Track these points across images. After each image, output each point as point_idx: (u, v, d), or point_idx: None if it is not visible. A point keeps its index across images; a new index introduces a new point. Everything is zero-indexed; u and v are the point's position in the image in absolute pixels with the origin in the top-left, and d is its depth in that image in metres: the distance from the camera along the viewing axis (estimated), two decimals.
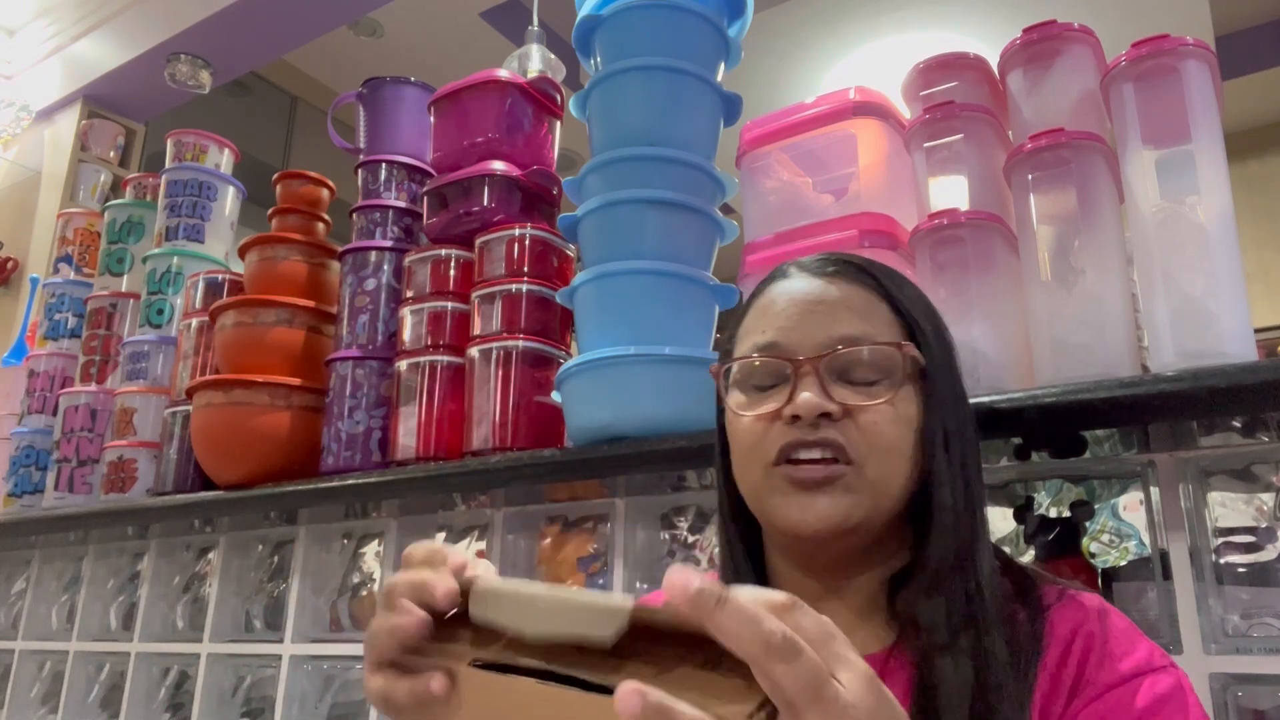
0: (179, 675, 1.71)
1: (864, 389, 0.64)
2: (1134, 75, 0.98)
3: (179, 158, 1.95)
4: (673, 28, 1.23)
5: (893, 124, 1.24)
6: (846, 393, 0.63)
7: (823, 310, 0.66)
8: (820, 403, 0.62)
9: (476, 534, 1.41)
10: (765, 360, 0.66)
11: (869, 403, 0.63)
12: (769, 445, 0.64)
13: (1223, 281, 0.89)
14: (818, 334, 0.65)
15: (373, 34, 3.85)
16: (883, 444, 0.63)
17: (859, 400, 0.63)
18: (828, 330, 0.65)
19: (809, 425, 0.63)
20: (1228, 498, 0.91)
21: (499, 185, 1.47)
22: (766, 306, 0.69)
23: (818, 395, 0.62)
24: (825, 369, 0.64)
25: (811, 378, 0.63)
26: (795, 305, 0.67)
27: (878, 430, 0.63)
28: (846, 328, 0.65)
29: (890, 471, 0.63)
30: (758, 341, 0.67)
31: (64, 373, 2.02)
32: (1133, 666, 0.60)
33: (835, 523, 0.62)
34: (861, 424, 0.63)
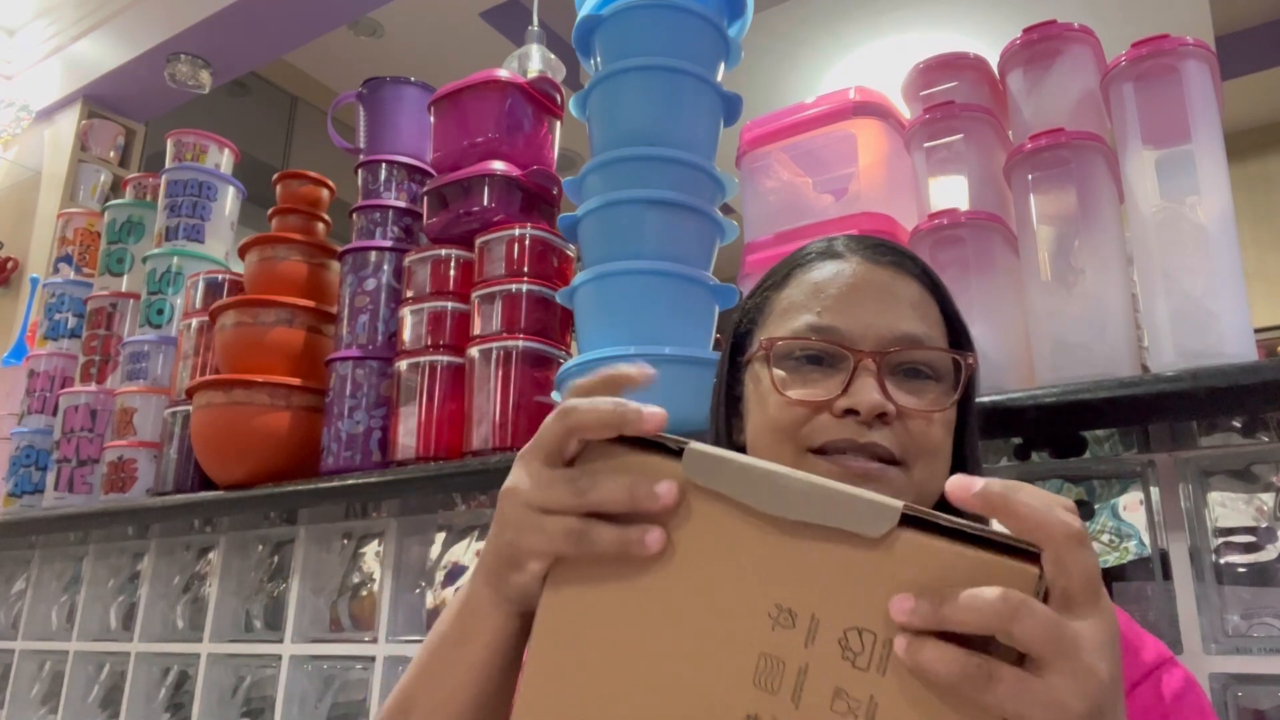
0: (179, 675, 1.70)
1: (917, 391, 0.62)
2: (1134, 75, 0.98)
3: (179, 158, 1.95)
4: (673, 28, 1.23)
5: (893, 124, 1.24)
6: (901, 394, 0.61)
7: (885, 302, 0.64)
8: (882, 402, 0.60)
9: (476, 534, 1.41)
10: (824, 345, 0.62)
11: (926, 409, 0.61)
12: (812, 434, 0.61)
13: (1223, 281, 0.89)
14: (879, 327, 0.62)
15: (373, 34, 3.85)
16: (930, 449, 0.61)
17: (915, 404, 0.61)
18: (891, 325, 0.62)
19: (862, 424, 0.60)
20: (1228, 498, 0.91)
21: (499, 185, 1.47)
22: (820, 285, 0.65)
23: (879, 394, 0.60)
24: (886, 365, 0.61)
25: (870, 374, 0.60)
26: (854, 290, 0.64)
27: (927, 436, 0.61)
28: (909, 325, 0.63)
29: (934, 475, 0.62)
30: (813, 322, 0.63)
31: (64, 373, 2.02)
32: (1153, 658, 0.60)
33: None
34: (912, 428, 0.61)
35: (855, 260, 0.66)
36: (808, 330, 0.63)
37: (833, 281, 0.65)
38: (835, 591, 0.38)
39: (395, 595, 1.42)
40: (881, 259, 0.66)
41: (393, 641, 1.39)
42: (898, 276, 0.65)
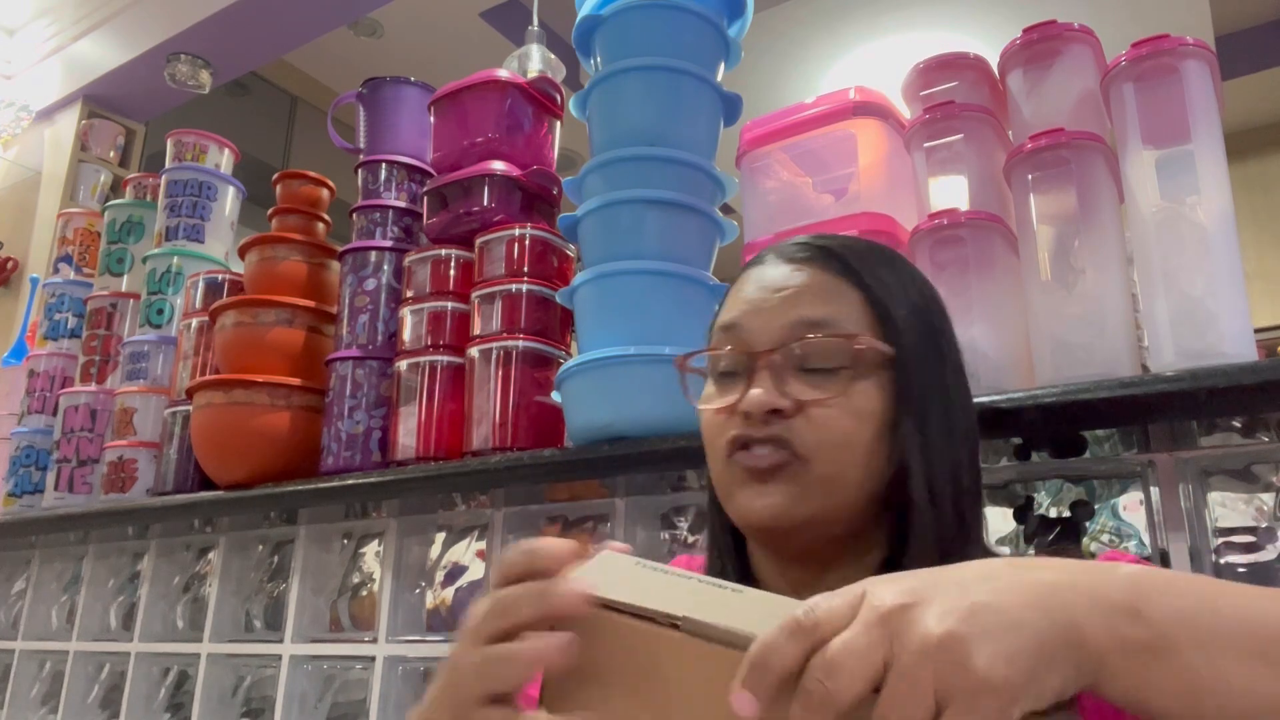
0: (179, 675, 1.71)
1: (821, 381, 0.62)
2: (1134, 75, 0.98)
3: (179, 158, 1.95)
4: (673, 28, 1.23)
5: (893, 124, 1.24)
6: (801, 386, 0.61)
7: (785, 296, 0.64)
8: (769, 399, 0.61)
9: (476, 534, 1.41)
10: (724, 353, 0.66)
11: (820, 396, 0.61)
12: (724, 438, 0.63)
13: (1223, 281, 0.89)
14: (777, 323, 0.63)
15: (373, 34, 3.85)
16: (833, 439, 0.61)
17: (812, 394, 0.61)
18: (787, 318, 0.63)
19: (759, 421, 0.61)
20: (1228, 498, 0.91)
21: (499, 185, 1.47)
22: (736, 291, 0.68)
23: (768, 392, 0.61)
24: (782, 361, 0.62)
25: (767, 371, 0.62)
26: (760, 291, 0.66)
27: (828, 425, 0.61)
28: (804, 314, 0.63)
29: (843, 467, 0.61)
30: (720, 322, 0.67)
31: (64, 373, 2.02)
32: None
33: (782, 513, 0.61)
34: (813, 418, 0.61)
35: (772, 263, 0.67)
36: (718, 334, 0.67)
37: (745, 287, 0.67)
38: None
39: (395, 595, 1.42)
40: (796, 255, 0.67)
41: (393, 641, 1.39)
42: (799, 268, 0.66)
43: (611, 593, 0.42)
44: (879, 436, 0.62)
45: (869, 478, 0.62)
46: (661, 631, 0.40)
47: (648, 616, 0.41)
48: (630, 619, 0.41)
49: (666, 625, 0.40)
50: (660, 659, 0.40)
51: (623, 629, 0.41)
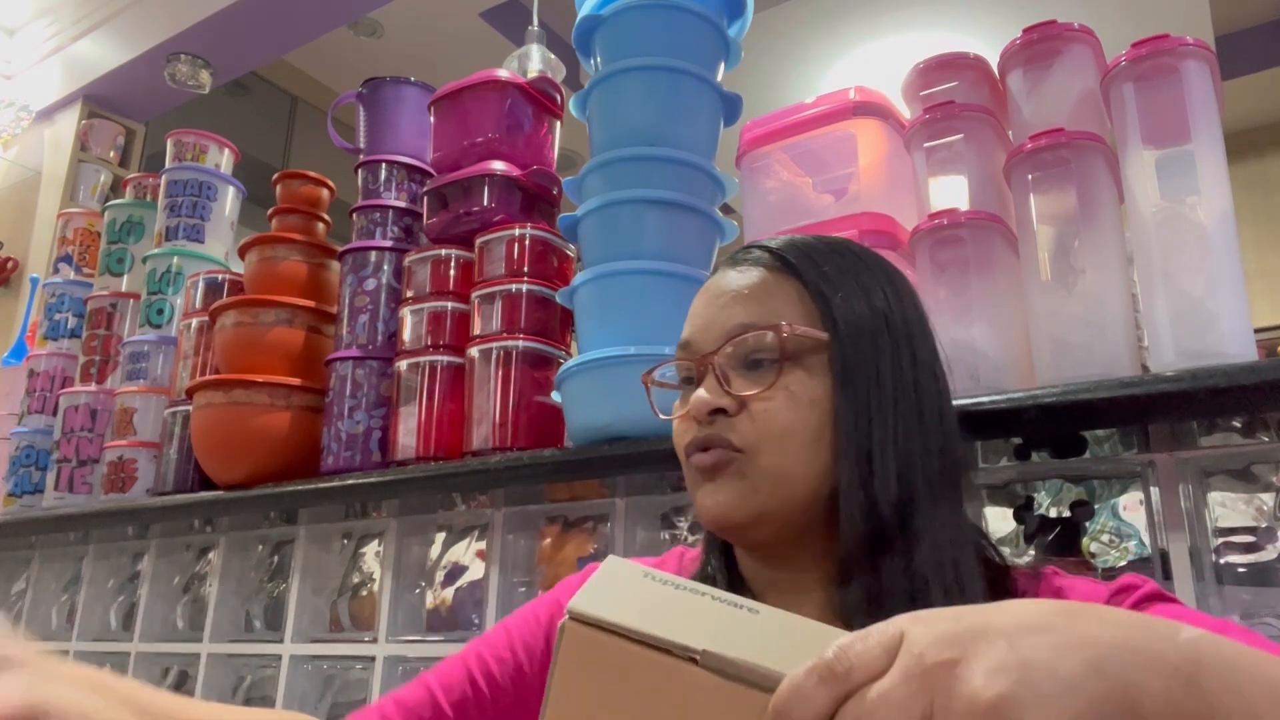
0: (179, 675, 1.70)
1: (759, 378, 0.63)
2: (1134, 75, 0.98)
3: (179, 158, 1.95)
4: (673, 28, 1.23)
5: (893, 124, 1.24)
6: (744, 383, 0.63)
7: (724, 302, 0.66)
8: (708, 400, 0.63)
9: (476, 534, 1.41)
10: (676, 363, 0.69)
11: (757, 390, 0.62)
12: (682, 444, 0.66)
13: (1223, 281, 0.89)
14: (715, 328, 0.65)
15: (373, 34, 3.85)
16: (775, 430, 0.61)
17: (749, 388, 0.62)
18: (725, 322, 0.65)
19: (705, 424, 0.63)
20: (1228, 498, 0.91)
21: (499, 185, 1.47)
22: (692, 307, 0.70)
23: (710, 392, 0.63)
24: (724, 363, 0.64)
25: (710, 375, 0.64)
26: (705, 301, 0.68)
27: (768, 417, 0.61)
28: (741, 316, 0.64)
29: (790, 459, 0.61)
30: (680, 342, 0.69)
31: (64, 373, 2.02)
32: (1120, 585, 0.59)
33: (731, 509, 0.62)
34: (754, 413, 0.62)
35: (719, 273, 0.69)
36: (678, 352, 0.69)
37: (698, 299, 0.69)
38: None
39: (395, 595, 1.42)
40: (739, 263, 0.68)
41: (393, 641, 1.39)
42: (738, 271, 0.67)
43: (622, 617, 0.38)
44: (825, 425, 0.61)
45: (820, 465, 0.61)
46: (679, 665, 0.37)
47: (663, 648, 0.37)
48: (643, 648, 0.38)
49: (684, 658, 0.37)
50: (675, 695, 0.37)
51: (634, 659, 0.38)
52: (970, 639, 0.34)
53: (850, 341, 0.63)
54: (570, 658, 0.39)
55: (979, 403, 0.89)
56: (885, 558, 0.60)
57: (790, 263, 0.66)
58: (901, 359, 0.64)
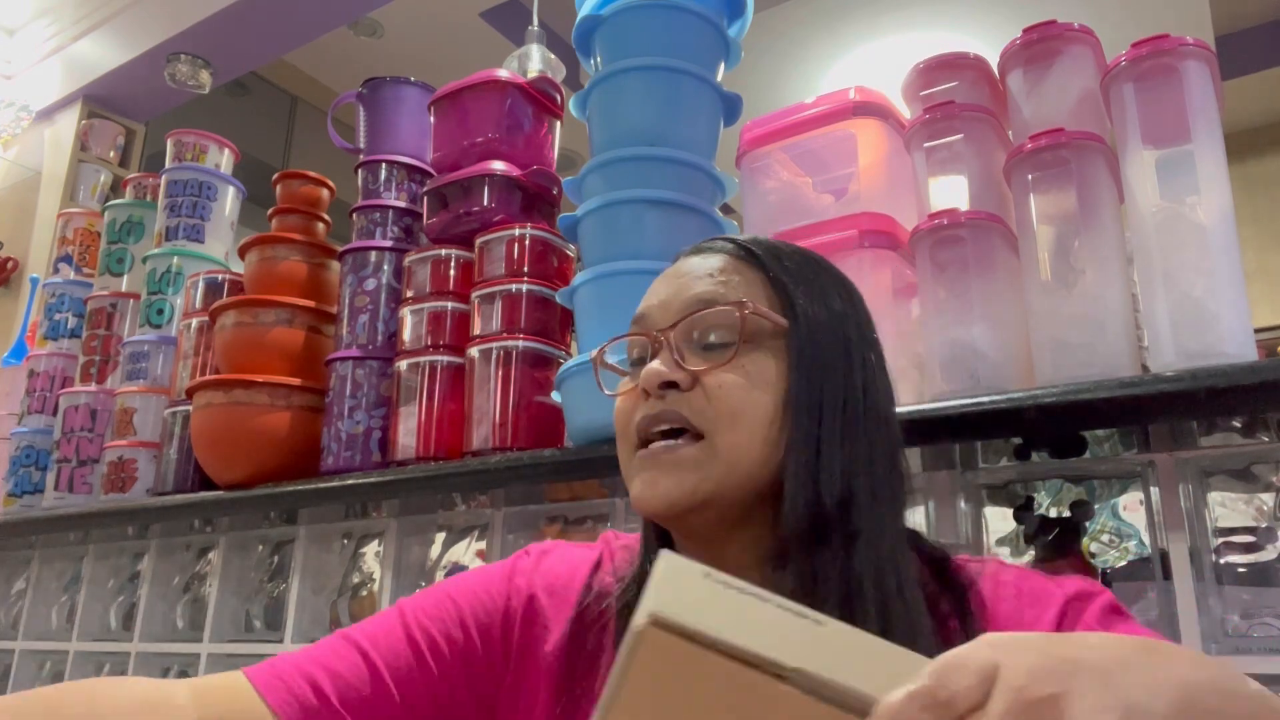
0: (179, 675, 1.70)
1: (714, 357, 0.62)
2: (1134, 75, 0.98)
3: (179, 158, 1.95)
4: (673, 28, 1.23)
5: (893, 124, 1.24)
6: (697, 360, 0.62)
7: (683, 282, 0.65)
8: (660, 370, 0.61)
9: (476, 534, 1.41)
10: (628, 338, 0.67)
11: (711, 365, 0.61)
12: (630, 427, 0.63)
13: (1223, 281, 0.89)
14: (675, 304, 0.64)
15: (373, 34, 3.85)
16: (729, 408, 0.60)
17: (703, 363, 0.61)
18: (685, 298, 0.64)
19: (655, 399, 0.61)
20: (1228, 498, 0.91)
21: (499, 185, 1.47)
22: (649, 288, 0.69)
23: (661, 364, 0.62)
24: (679, 339, 0.63)
25: (664, 349, 0.63)
26: (664, 281, 0.67)
27: (723, 394, 0.61)
28: (699, 294, 0.64)
29: (741, 439, 0.60)
30: (634, 317, 0.67)
31: (64, 373, 2.02)
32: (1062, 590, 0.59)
33: (677, 499, 0.60)
34: (708, 389, 0.61)
35: (683, 257, 0.69)
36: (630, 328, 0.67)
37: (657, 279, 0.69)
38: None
39: (395, 595, 1.42)
40: (700, 249, 0.69)
41: None
42: (701, 256, 0.67)
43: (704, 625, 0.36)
44: (779, 406, 0.61)
45: (770, 448, 0.61)
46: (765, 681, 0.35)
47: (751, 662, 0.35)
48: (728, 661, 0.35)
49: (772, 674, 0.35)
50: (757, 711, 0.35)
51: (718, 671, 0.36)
52: (1067, 674, 0.34)
53: (809, 332, 0.63)
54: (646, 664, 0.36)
55: (979, 403, 0.89)
56: (823, 551, 0.59)
57: (754, 253, 0.66)
58: (854, 359, 0.65)
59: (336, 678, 0.64)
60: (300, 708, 0.62)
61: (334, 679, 0.63)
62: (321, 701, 0.62)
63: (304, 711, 0.61)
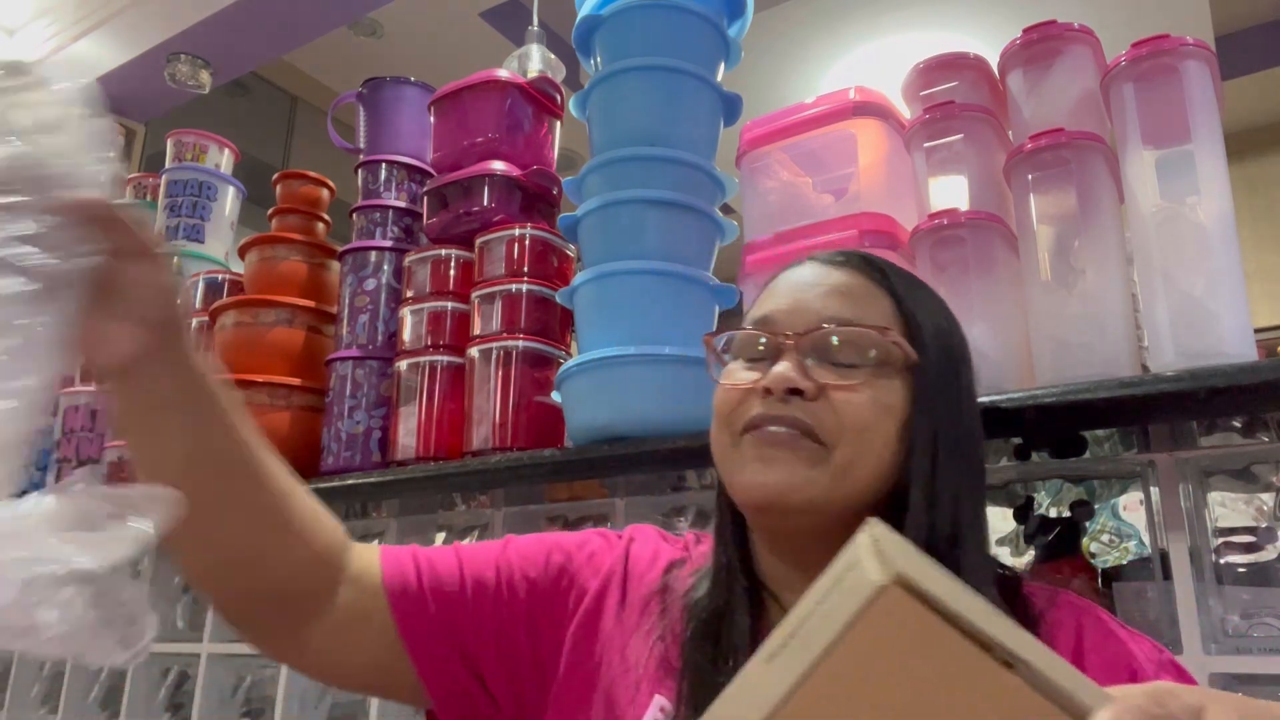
0: (179, 675, 1.70)
1: (844, 373, 0.63)
2: (1134, 75, 0.98)
3: (179, 158, 1.95)
4: (672, 28, 1.23)
5: (893, 124, 1.24)
6: (825, 372, 0.63)
7: (818, 292, 0.66)
8: (791, 376, 0.62)
9: (476, 534, 1.41)
10: (750, 333, 0.67)
11: (844, 382, 0.62)
12: (739, 415, 0.64)
13: (1223, 281, 0.89)
14: (808, 313, 0.65)
15: (373, 34, 3.85)
16: (854, 424, 0.61)
17: (835, 378, 0.62)
18: (819, 310, 0.65)
19: (778, 400, 0.62)
20: (1228, 498, 0.92)
21: (499, 185, 1.47)
22: (772, 288, 0.70)
23: (792, 370, 0.62)
24: (808, 347, 0.63)
25: (792, 354, 0.63)
26: (795, 287, 0.68)
27: (850, 410, 0.61)
28: (836, 310, 0.65)
29: (861, 456, 0.62)
30: (753, 316, 0.68)
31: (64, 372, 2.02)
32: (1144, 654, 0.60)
33: (790, 489, 0.61)
34: (835, 403, 0.62)
35: (810, 266, 0.70)
36: (750, 323, 0.68)
37: (781, 285, 0.70)
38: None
39: None
40: (832, 260, 0.69)
41: None
42: (840, 270, 0.68)
43: (940, 593, 0.35)
44: (896, 435, 0.63)
45: (880, 474, 0.63)
46: (993, 666, 0.34)
47: (984, 644, 0.34)
48: (961, 637, 0.34)
49: (1001, 661, 0.34)
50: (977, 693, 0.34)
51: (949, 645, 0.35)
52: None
53: (935, 366, 0.65)
54: (875, 621, 0.35)
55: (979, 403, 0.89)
56: None
57: (887, 275, 0.68)
58: (964, 394, 0.67)
59: (433, 571, 0.73)
60: (401, 580, 0.73)
61: (431, 571, 0.73)
62: (417, 583, 0.73)
63: (403, 583, 0.73)
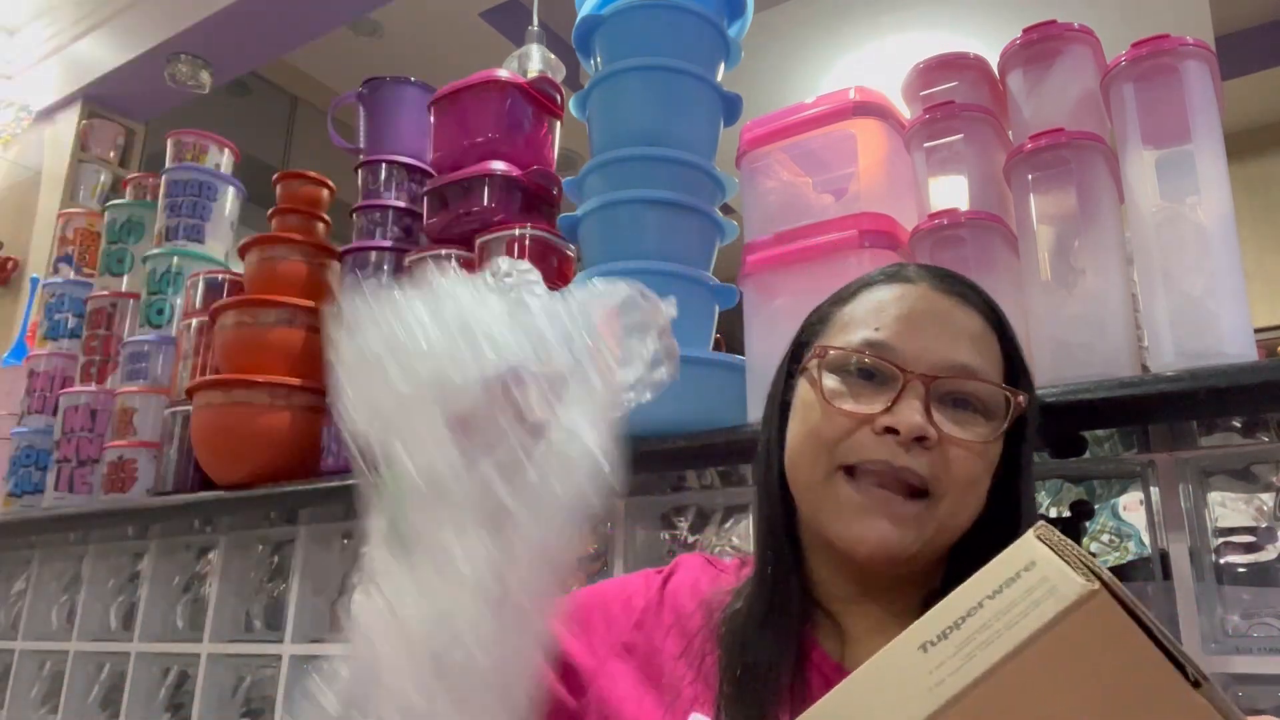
0: (179, 675, 1.70)
1: (963, 422, 0.61)
2: (1134, 75, 0.98)
3: (179, 158, 1.95)
4: (673, 28, 1.23)
5: (893, 124, 1.24)
6: (946, 422, 0.61)
7: (944, 330, 0.63)
8: (923, 425, 0.59)
9: None
10: (875, 360, 0.63)
11: (968, 438, 0.61)
12: (849, 450, 0.61)
13: (1223, 281, 0.89)
14: (934, 353, 0.62)
15: (373, 34, 3.85)
16: (965, 480, 0.61)
17: (958, 432, 0.61)
18: (946, 353, 0.62)
19: (900, 446, 0.60)
20: (1228, 498, 0.91)
21: (499, 185, 1.47)
22: (883, 304, 0.66)
23: (922, 416, 0.60)
24: (934, 391, 0.61)
25: (918, 396, 0.60)
26: (915, 314, 0.64)
27: (965, 467, 0.61)
28: (965, 356, 0.63)
29: (964, 508, 0.62)
30: (869, 337, 0.64)
31: (64, 373, 2.02)
32: None
33: (892, 551, 0.60)
34: (950, 456, 0.60)
35: (922, 285, 0.66)
36: (863, 345, 0.63)
37: (896, 303, 0.65)
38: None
39: None
40: (948, 288, 0.67)
41: None
42: (960, 307, 0.65)
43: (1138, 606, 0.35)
44: (989, 488, 0.63)
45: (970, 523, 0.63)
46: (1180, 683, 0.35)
47: (1176, 659, 0.35)
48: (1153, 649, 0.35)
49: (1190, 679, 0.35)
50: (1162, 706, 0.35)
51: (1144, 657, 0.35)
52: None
53: (1030, 420, 0.65)
54: (1078, 624, 0.35)
55: None
56: None
57: (1003, 323, 0.67)
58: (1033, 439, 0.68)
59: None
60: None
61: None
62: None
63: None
